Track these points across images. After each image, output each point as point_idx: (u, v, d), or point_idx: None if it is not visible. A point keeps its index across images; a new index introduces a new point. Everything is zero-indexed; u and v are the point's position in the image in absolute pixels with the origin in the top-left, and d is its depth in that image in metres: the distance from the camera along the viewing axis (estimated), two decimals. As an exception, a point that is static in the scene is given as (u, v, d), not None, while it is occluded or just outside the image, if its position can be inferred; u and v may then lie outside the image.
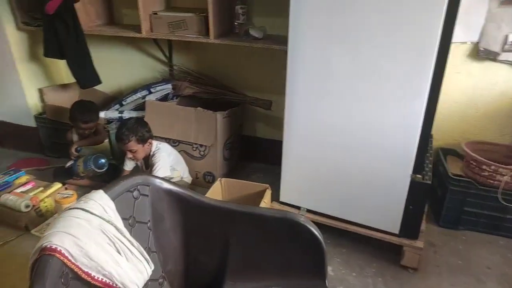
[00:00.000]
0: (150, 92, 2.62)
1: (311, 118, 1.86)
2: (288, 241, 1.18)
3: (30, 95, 2.77)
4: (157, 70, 2.81)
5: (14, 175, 2.35)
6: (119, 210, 0.98)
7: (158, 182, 1.11)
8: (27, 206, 2.07)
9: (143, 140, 2.13)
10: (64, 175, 2.42)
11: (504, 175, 1.98)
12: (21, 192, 2.21)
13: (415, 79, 1.58)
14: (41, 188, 2.25)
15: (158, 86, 2.61)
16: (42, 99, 2.82)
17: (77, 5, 2.38)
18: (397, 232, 1.86)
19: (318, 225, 2.00)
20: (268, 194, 2.06)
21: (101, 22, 2.66)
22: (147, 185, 1.08)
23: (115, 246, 0.86)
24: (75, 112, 2.41)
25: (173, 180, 2.29)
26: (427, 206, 2.18)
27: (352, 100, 1.73)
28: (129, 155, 2.15)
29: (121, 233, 0.89)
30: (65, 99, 2.79)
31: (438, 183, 2.29)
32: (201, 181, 2.52)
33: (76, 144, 2.44)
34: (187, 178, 2.42)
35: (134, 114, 2.62)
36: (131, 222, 1.02)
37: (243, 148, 2.81)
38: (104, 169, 2.31)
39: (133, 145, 2.10)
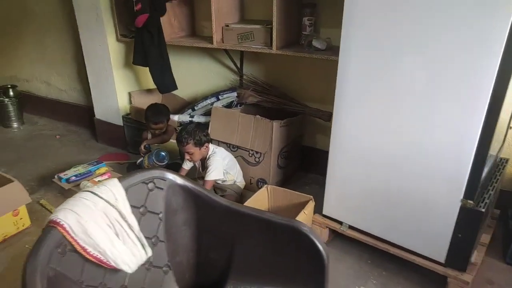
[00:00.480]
0: (218, 99, 2.80)
1: (357, 133, 1.81)
2: (291, 249, 1.19)
3: (121, 97, 3.18)
4: (229, 79, 2.99)
5: (96, 165, 2.74)
6: (132, 198, 1.11)
7: (172, 177, 1.22)
8: (101, 192, 2.39)
9: (200, 144, 2.29)
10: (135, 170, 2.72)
11: None
12: (98, 180, 2.55)
13: (471, 96, 1.44)
14: (116, 179, 2.57)
15: (225, 93, 2.78)
16: (130, 101, 3.21)
17: (162, 19, 2.68)
18: (442, 261, 1.71)
19: (360, 243, 1.95)
20: (310, 205, 2.06)
21: (184, 33, 2.94)
22: (163, 179, 1.20)
23: (114, 228, 0.99)
24: (147, 113, 2.70)
25: (226, 183, 2.43)
26: (495, 238, 1.94)
27: (400, 115, 1.64)
28: (187, 156, 2.33)
29: (123, 218, 1.02)
30: (149, 102, 3.12)
31: (512, 215, 2.03)
32: (254, 187, 2.61)
33: (144, 142, 2.73)
34: (240, 183, 2.52)
35: (203, 119, 2.83)
36: (142, 210, 1.15)
37: (303, 158, 2.83)
38: (165, 162, 2.55)
39: (190, 147, 2.28)
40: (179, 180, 1.23)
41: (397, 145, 1.69)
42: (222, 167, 2.37)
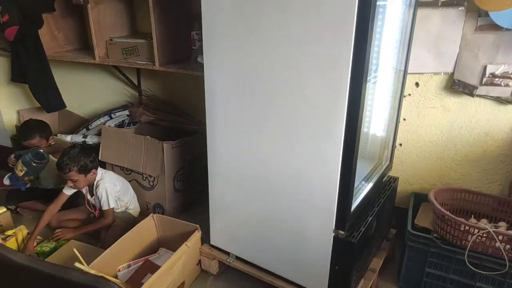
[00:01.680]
0: (111, 118, 2.57)
1: (229, 157, 1.67)
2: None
3: (8, 117, 2.86)
4: (128, 95, 2.77)
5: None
6: None
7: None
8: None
9: (85, 171, 2.06)
10: (17, 197, 2.41)
11: (472, 234, 1.62)
12: (-30, 215, 2.22)
13: (327, 120, 1.33)
14: (-14, 212, 2.26)
15: (118, 111, 2.56)
16: (19, 121, 2.89)
17: (41, 31, 2.41)
18: (324, 294, 1.59)
19: (247, 276, 1.80)
20: (195, 236, 1.88)
21: (73, 47, 2.68)
22: None
23: None
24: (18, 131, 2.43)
25: (116, 211, 2.20)
26: (392, 259, 1.86)
27: (267, 140, 1.52)
28: (70, 184, 2.09)
29: None
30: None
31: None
32: (151, 213, 2.39)
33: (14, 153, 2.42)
34: (133, 210, 2.31)
35: (96, 139, 2.59)
36: None
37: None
38: (45, 161, 2.26)
39: (73, 175, 2.04)
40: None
41: (268, 172, 1.56)
42: (114, 193, 2.16)
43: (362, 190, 1.65)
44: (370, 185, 1.70)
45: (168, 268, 1.69)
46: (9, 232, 2.07)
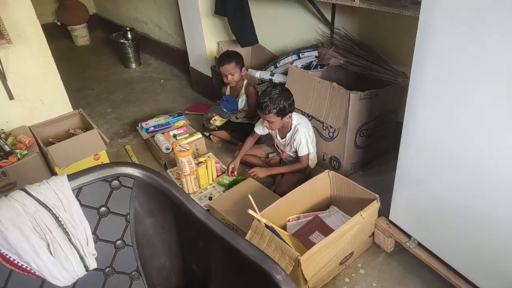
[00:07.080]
0: (299, 57, 2.42)
1: (430, 128, 1.32)
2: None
3: (210, 47, 3.05)
4: (319, 33, 2.55)
5: (176, 118, 2.73)
6: (88, 198, 0.97)
7: (146, 176, 1.03)
8: (167, 149, 2.39)
9: (283, 114, 2.02)
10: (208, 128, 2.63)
11: None
12: (173, 134, 2.54)
13: None
14: (186, 135, 2.53)
15: (307, 51, 2.38)
16: (218, 52, 3.05)
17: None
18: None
19: (429, 269, 1.51)
20: (372, 206, 1.66)
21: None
22: (131, 177, 1.02)
23: (45, 237, 0.86)
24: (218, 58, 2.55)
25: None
26: None
27: (485, 121, 1.11)
28: (265, 123, 2.09)
29: (59, 225, 0.88)
30: (238, 53, 2.92)
31: None
32: (327, 165, 2.26)
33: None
34: (311, 161, 2.20)
35: (282, 78, 2.52)
36: (102, 211, 1.00)
37: (397, 139, 2.30)
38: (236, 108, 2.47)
39: (271, 117, 2.02)
40: (151, 179, 1.03)
41: (482, 154, 1.16)
42: (309, 139, 2.11)
43: None
44: None
45: (338, 236, 1.55)
46: (201, 159, 2.26)
